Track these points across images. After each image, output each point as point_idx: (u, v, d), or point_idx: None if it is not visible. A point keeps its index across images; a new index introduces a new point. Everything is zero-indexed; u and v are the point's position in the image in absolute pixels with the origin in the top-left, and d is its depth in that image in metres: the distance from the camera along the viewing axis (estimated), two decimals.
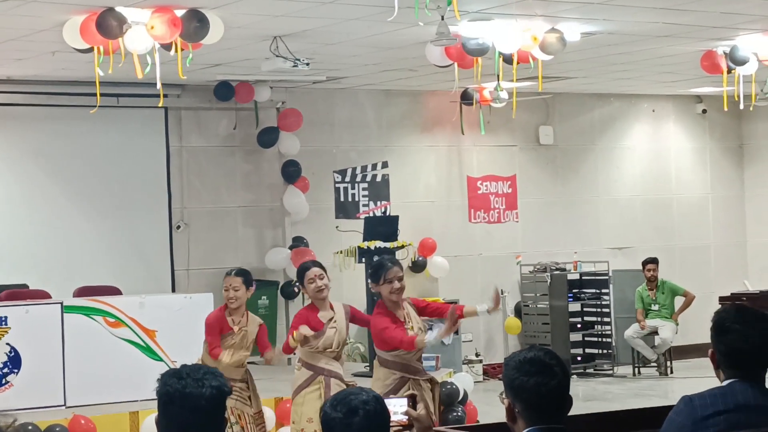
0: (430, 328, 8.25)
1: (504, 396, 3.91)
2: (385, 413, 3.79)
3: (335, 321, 8.37)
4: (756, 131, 18.20)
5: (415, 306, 8.15)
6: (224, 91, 13.93)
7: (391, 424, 4.36)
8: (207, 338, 8.71)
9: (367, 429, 3.71)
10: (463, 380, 12.19)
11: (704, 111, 17.80)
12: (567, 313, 15.78)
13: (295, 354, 8.69)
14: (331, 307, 8.45)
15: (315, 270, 8.40)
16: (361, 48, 11.92)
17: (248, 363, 8.87)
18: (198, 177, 14.43)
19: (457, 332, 14.45)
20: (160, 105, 11.34)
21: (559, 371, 3.85)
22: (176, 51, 9.53)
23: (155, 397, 3.70)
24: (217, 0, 9.30)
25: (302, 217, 14.71)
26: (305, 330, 8.16)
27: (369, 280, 8.38)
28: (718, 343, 4.39)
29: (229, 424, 8.52)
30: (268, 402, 10.29)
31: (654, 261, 15.84)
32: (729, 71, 12.47)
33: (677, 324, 15.70)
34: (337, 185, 15.28)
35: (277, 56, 11.07)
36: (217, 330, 8.66)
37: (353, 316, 8.61)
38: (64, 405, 10.75)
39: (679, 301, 15.88)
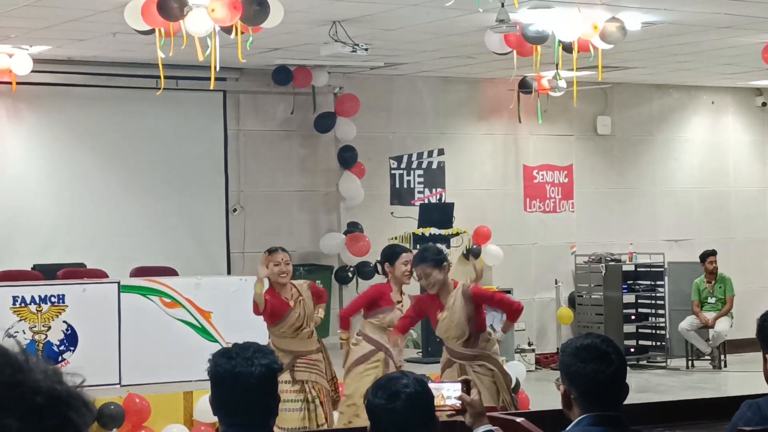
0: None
1: (560, 382, 3.89)
2: (427, 394, 3.78)
3: (402, 305, 8.83)
4: None
5: (475, 296, 8.20)
6: (282, 75, 13.97)
7: (443, 409, 4.37)
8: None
9: (411, 412, 3.70)
10: (516, 369, 12.15)
11: (764, 104, 17.62)
12: (621, 305, 15.69)
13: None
14: (402, 293, 8.93)
15: (408, 255, 8.82)
16: (420, 34, 11.90)
17: None
18: (255, 161, 14.49)
19: None
20: (215, 87, 11.37)
21: (616, 359, 3.83)
22: (236, 34, 9.55)
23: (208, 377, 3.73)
24: None
25: (357, 203, 14.73)
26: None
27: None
28: None
29: (307, 400, 8.66)
30: None
31: (714, 253, 15.67)
32: None
33: (732, 317, 15.56)
34: (392, 171, 15.28)
35: (335, 41, 11.09)
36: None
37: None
38: (119, 383, 10.83)
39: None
